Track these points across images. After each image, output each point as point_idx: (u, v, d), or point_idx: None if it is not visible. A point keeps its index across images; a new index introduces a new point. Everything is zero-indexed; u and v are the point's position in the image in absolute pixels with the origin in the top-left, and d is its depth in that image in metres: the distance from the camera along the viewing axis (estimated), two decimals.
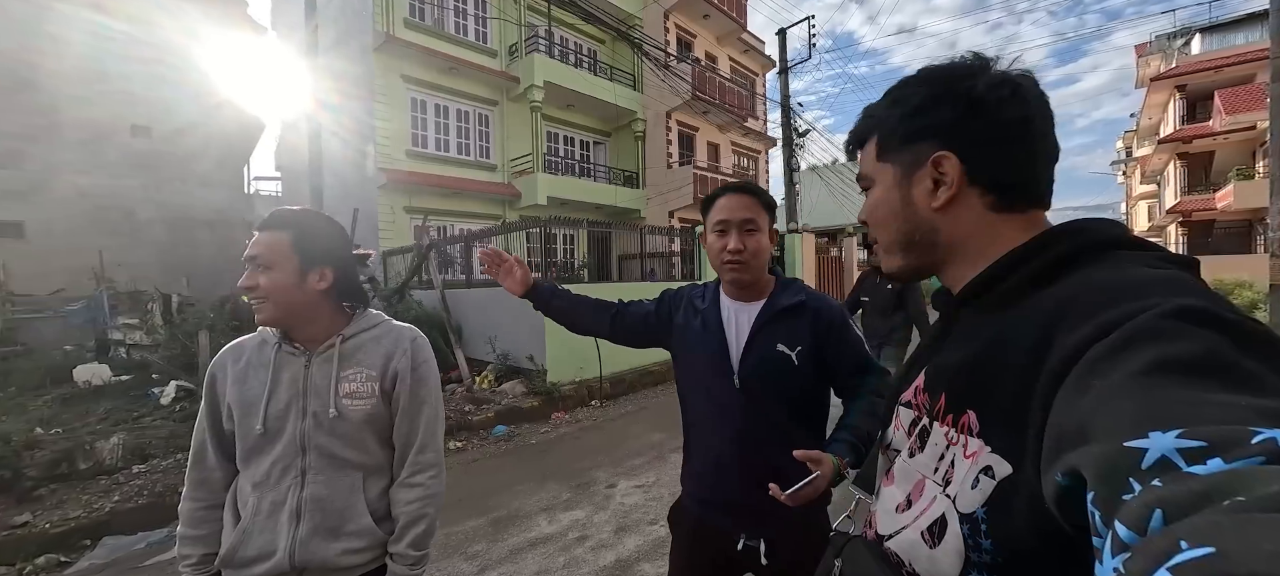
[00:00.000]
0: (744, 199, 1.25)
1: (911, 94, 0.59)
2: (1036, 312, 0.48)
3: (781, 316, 1.26)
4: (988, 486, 0.48)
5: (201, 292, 10.35)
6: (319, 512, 1.06)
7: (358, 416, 1.10)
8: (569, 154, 14.72)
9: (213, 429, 1.13)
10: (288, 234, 1.07)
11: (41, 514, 3.36)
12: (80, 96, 10.13)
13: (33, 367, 6.42)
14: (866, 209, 0.66)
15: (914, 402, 0.61)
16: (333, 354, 1.11)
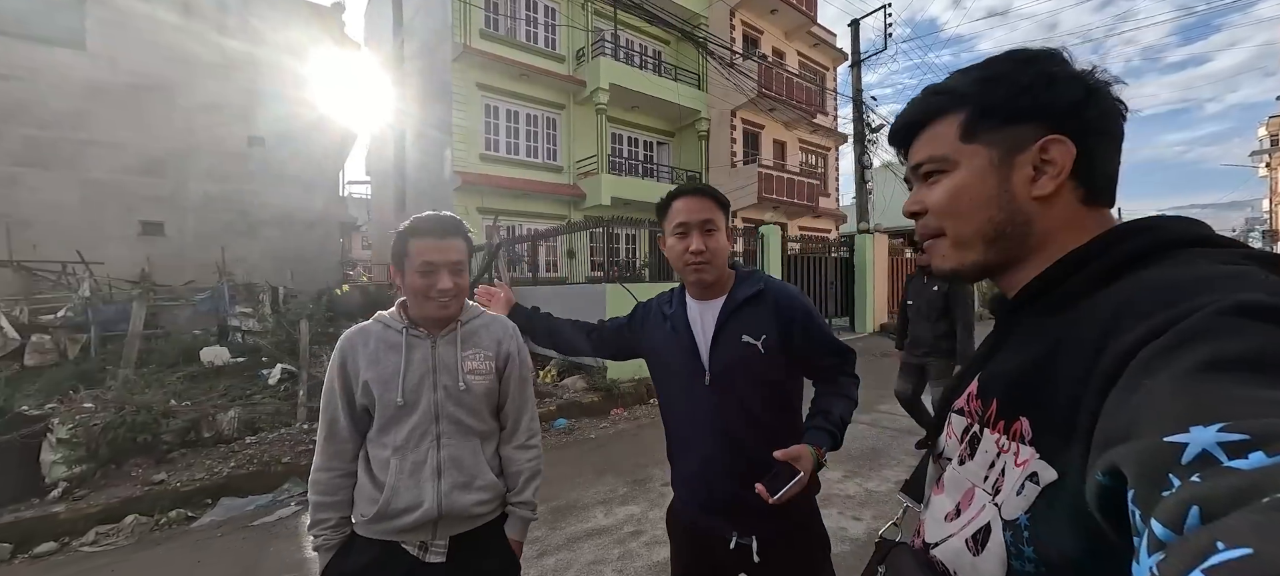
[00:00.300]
0: (701, 201, 1.28)
1: (1015, 72, 0.54)
2: (1094, 315, 0.45)
3: (743, 308, 1.28)
4: (1032, 492, 0.46)
5: (303, 286, 11.50)
6: (456, 470, 1.23)
7: (480, 390, 1.27)
8: (633, 155, 14.91)
9: (346, 403, 1.24)
10: (466, 243, 1.28)
11: (174, 474, 3.89)
12: (208, 113, 11.57)
13: (169, 348, 7.40)
14: (941, 197, 0.58)
15: (967, 409, 0.59)
16: (455, 337, 1.29)
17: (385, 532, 1.20)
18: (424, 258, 1.21)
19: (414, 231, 1.23)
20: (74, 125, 10.40)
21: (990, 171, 0.55)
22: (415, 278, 1.22)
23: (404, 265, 1.24)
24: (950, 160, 0.57)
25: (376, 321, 1.29)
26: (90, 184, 10.54)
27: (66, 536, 3.25)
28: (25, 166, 10.03)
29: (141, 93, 10.95)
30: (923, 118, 0.60)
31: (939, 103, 0.58)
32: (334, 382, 1.25)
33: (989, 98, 0.55)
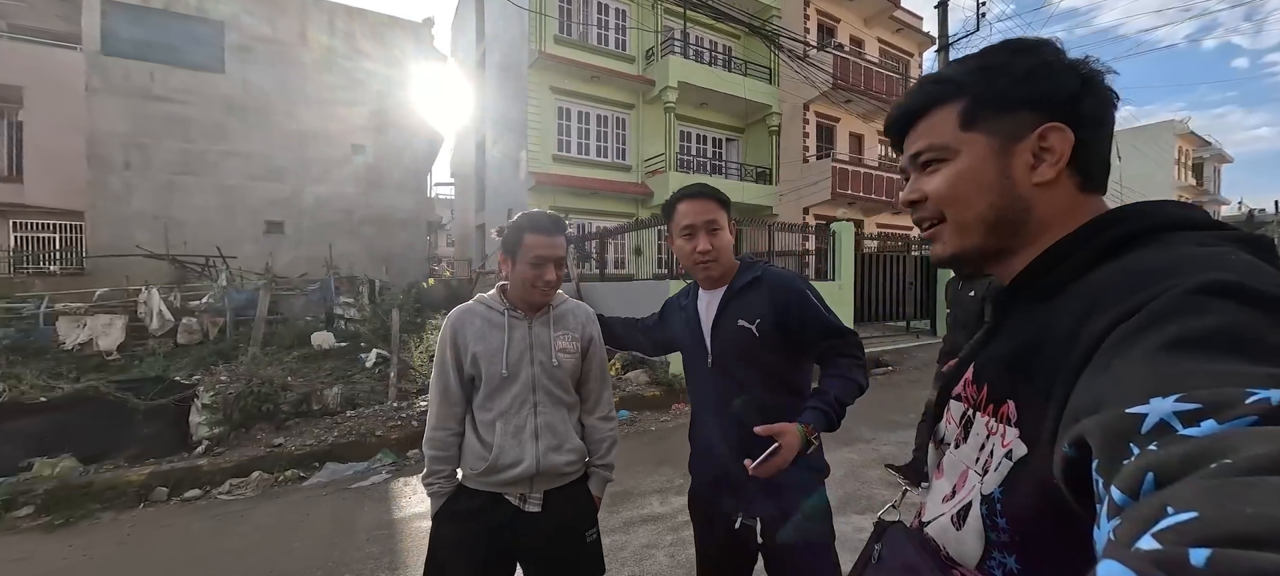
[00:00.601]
0: (703, 203, 1.37)
1: (1013, 61, 0.56)
2: (1076, 300, 0.47)
3: (740, 294, 1.37)
4: (1006, 468, 0.49)
5: (395, 279, 12.60)
6: (550, 434, 1.40)
7: (568, 366, 1.45)
8: (701, 152, 14.86)
9: (456, 371, 1.42)
10: (567, 240, 1.46)
11: (289, 439, 4.46)
12: (319, 125, 12.97)
13: (286, 332, 8.43)
14: (942, 184, 0.58)
15: (964, 395, 0.61)
16: (548, 319, 1.47)
17: (491, 485, 1.39)
18: (536, 252, 1.38)
19: (529, 227, 1.39)
20: (215, 138, 12.08)
21: (991, 158, 0.56)
22: (526, 268, 1.39)
23: (516, 255, 1.40)
24: (951, 148, 0.58)
25: (479, 302, 1.47)
26: (226, 189, 12.20)
27: (207, 485, 3.85)
28: (179, 174, 11.79)
29: (267, 109, 12.51)
30: (921, 107, 0.60)
31: (938, 92, 0.59)
32: (445, 353, 1.42)
33: (988, 86, 0.56)
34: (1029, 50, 0.56)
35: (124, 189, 11.32)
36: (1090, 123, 0.54)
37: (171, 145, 11.67)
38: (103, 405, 4.30)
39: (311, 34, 12.97)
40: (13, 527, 3.26)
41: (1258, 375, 0.30)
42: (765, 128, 14.77)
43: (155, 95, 11.53)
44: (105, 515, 3.46)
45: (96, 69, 11.07)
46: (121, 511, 3.52)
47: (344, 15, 13.41)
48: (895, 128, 0.64)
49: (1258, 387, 0.28)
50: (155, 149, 11.55)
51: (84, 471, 3.79)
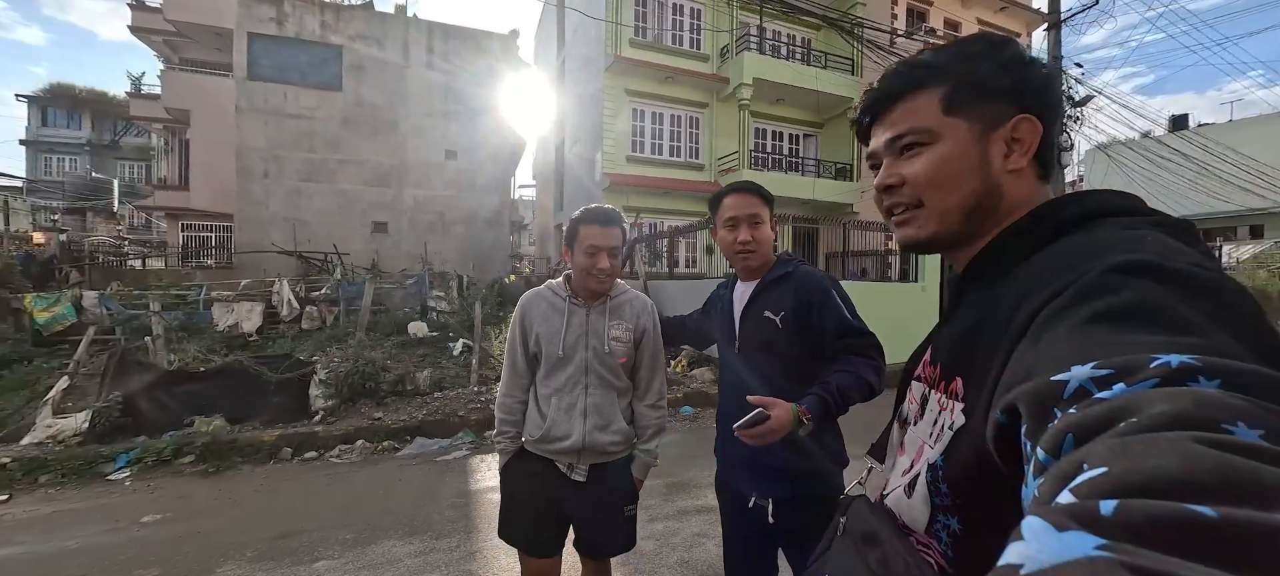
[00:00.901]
0: (748, 197, 1.46)
1: (993, 52, 0.58)
2: (1016, 283, 0.50)
3: (770, 287, 1.44)
4: (946, 438, 0.52)
5: (481, 275, 13.54)
6: (597, 414, 1.54)
7: (620, 353, 1.57)
8: (777, 149, 14.50)
9: (522, 347, 1.60)
10: (623, 232, 1.57)
11: (386, 414, 5.02)
12: (417, 134, 14.23)
13: (388, 321, 9.39)
14: (925, 168, 0.59)
15: (923, 375, 0.64)
16: (605, 308, 1.59)
17: (544, 451, 1.56)
18: (589, 241, 1.51)
19: (583, 219, 1.54)
20: (333, 149, 13.67)
21: (972, 145, 0.57)
22: (582, 257, 1.52)
23: (573, 246, 1.54)
24: (934, 132, 0.59)
25: (547, 288, 1.64)
26: (341, 194, 13.75)
27: (321, 448, 4.45)
28: (305, 181, 13.48)
29: (376, 121, 13.95)
30: (902, 89, 0.61)
31: (920, 75, 0.60)
32: (516, 331, 1.61)
33: (971, 73, 0.58)
34: (1005, 43, 0.59)
35: (263, 194, 13.15)
36: (1052, 116, 0.57)
37: (299, 156, 13.38)
38: (245, 376, 5.11)
39: (413, 51, 14.27)
40: (178, 471, 3.99)
41: (1161, 343, 0.33)
42: (846, 121, 14.10)
43: (288, 113, 13.27)
44: (245, 467, 4.13)
45: (244, 92, 12.95)
46: (257, 465, 4.17)
47: (440, 32, 14.61)
48: (873, 109, 0.65)
49: (1160, 353, 0.31)
50: (287, 159, 13.30)
51: (230, 430, 4.54)
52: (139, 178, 23.93)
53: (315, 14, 13.58)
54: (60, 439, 4.31)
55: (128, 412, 4.51)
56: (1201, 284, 0.38)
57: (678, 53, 13.01)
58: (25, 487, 3.68)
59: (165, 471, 3.97)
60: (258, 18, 12.97)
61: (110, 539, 2.97)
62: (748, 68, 12.40)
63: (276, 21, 13.11)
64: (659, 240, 10.36)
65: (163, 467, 4.00)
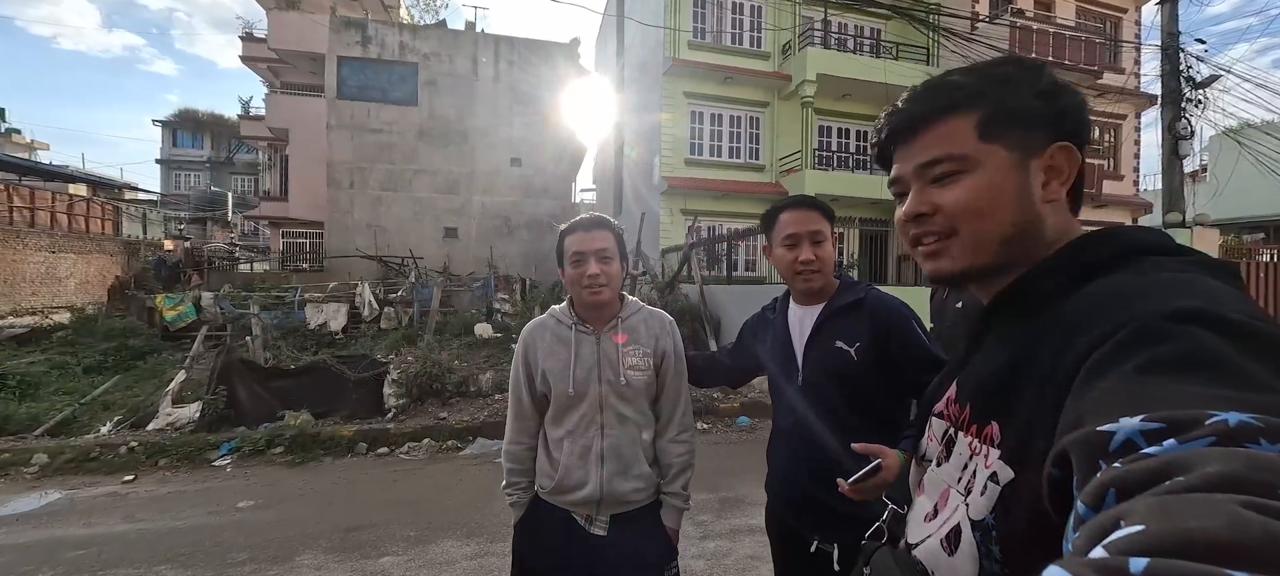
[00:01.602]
0: (808, 212, 1.34)
1: (1028, 77, 0.56)
2: (1057, 323, 0.48)
3: (840, 314, 1.31)
4: (994, 493, 0.48)
5: (543, 278, 13.95)
6: (615, 458, 1.34)
7: (639, 384, 1.36)
8: (842, 147, 13.85)
9: (528, 387, 1.39)
10: (614, 234, 1.40)
11: (451, 414, 5.27)
12: (485, 143, 14.90)
13: (455, 322, 9.88)
14: (963, 197, 0.55)
15: (946, 412, 0.61)
16: (614, 332, 1.39)
17: (559, 502, 1.37)
18: (573, 249, 1.34)
19: (566, 230, 1.40)
20: (409, 159, 14.59)
21: (1011, 173, 0.55)
22: (570, 269, 1.36)
23: (563, 262, 1.38)
24: (970, 159, 0.55)
25: (551, 316, 1.43)
26: (416, 201, 14.66)
27: (392, 445, 4.73)
28: (385, 191, 14.50)
29: (447, 132, 14.76)
30: (932, 113, 0.57)
31: (953, 98, 0.57)
32: (519, 369, 1.41)
33: (1008, 99, 0.55)
34: (1038, 68, 0.57)
35: (348, 204, 14.27)
36: (1085, 143, 0.56)
37: (380, 167, 14.41)
38: (328, 374, 5.55)
39: (481, 64, 14.97)
40: (270, 461, 4.38)
41: (1218, 397, 0.31)
42: None
43: (370, 128, 14.33)
44: (326, 459, 4.47)
45: (333, 111, 14.13)
46: (337, 458, 4.50)
47: (506, 45, 15.23)
48: (894, 134, 0.61)
49: (1217, 410, 0.29)
50: (369, 171, 14.37)
51: (314, 424, 4.93)
52: (249, 190, 26.78)
53: (395, 34, 14.59)
54: (177, 426, 4.88)
55: (230, 404, 5.02)
56: (1262, 336, 0.36)
57: (737, 52, 12.76)
58: (148, 469, 4.18)
59: (259, 460, 4.38)
60: (346, 41, 14.11)
61: (211, 521, 3.30)
62: (811, 63, 11.94)
63: (361, 44, 14.21)
64: (717, 244, 10.19)
65: (257, 456, 4.42)
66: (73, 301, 13.97)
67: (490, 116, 14.92)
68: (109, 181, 22.69)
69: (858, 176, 12.86)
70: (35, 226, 14.62)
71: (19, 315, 11.94)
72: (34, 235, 14.20)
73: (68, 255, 15.09)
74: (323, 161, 14.22)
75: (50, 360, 8.30)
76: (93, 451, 4.30)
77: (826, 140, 13.66)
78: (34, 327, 10.40)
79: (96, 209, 17.49)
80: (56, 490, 3.81)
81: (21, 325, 10.66)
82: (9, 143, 26.58)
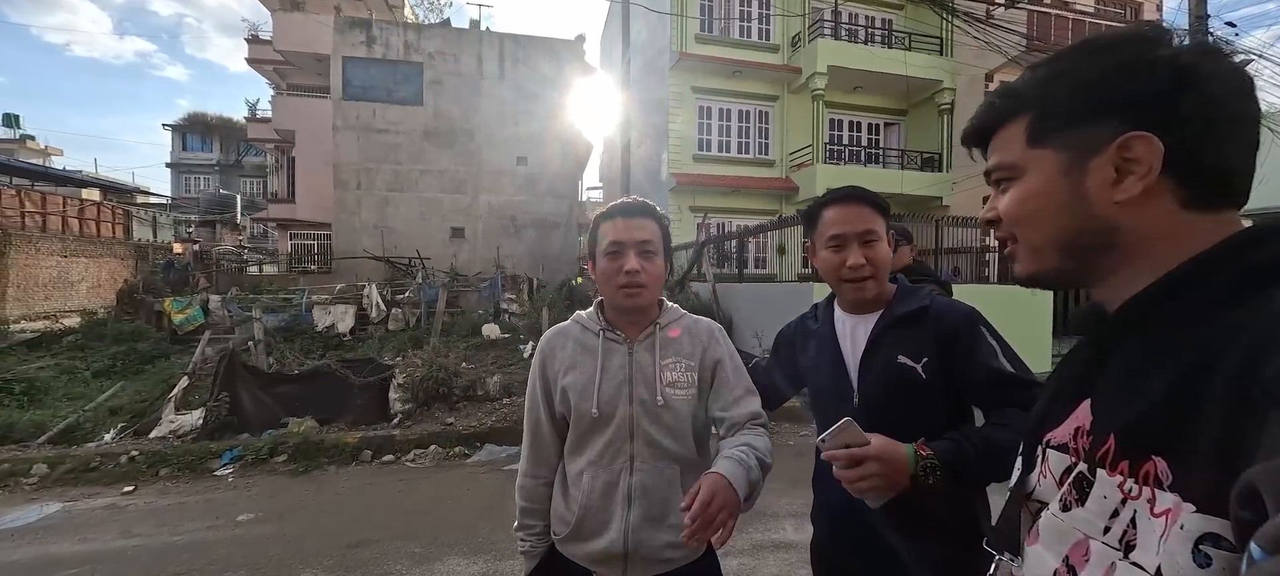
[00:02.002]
0: (858, 208, 1.15)
1: (1082, 66, 0.51)
2: (1237, 335, 0.41)
3: (902, 324, 1.13)
4: (1223, 560, 0.38)
5: (550, 277, 13.83)
6: (646, 500, 1.07)
7: (680, 406, 1.11)
8: (854, 140, 13.59)
9: (547, 408, 1.16)
10: (659, 225, 1.15)
11: (458, 419, 5.13)
12: (490, 142, 14.78)
13: (464, 323, 9.77)
14: (1010, 205, 0.56)
15: (1072, 445, 0.52)
16: (653, 342, 1.14)
17: (576, 555, 1.12)
18: (610, 238, 1.12)
19: (603, 215, 1.16)
20: (416, 160, 14.51)
21: (1059, 177, 0.52)
22: (604, 261, 1.13)
23: (596, 252, 1.16)
24: (1017, 166, 0.55)
25: (575, 321, 1.20)
26: (423, 202, 14.57)
27: (398, 452, 4.60)
28: (391, 191, 14.42)
29: (453, 131, 14.65)
30: (992, 123, 0.58)
31: (1006, 106, 0.56)
32: (536, 386, 1.17)
33: (1051, 97, 0.53)
34: (1108, 49, 0.50)
35: (355, 204, 14.22)
36: (1198, 124, 0.46)
37: (386, 168, 14.33)
38: (332, 379, 5.44)
39: (485, 63, 14.85)
40: (273, 470, 4.26)
41: None
42: (934, 106, 12.93)
43: (376, 128, 14.25)
44: (330, 467, 4.34)
45: (339, 112, 14.07)
46: (341, 466, 4.38)
47: (510, 43, 15.09)
48: (975, 142, 0.62)
49: None
50: (376, 171, 14.30)
51: (319, 431, 4.82)
52: (258, 193, 26.93)
53: (399, 34, 14.50)
54: (180, 433, 4.78)
55: (234, 411, 4.92)
56: None
57: (745, 45, 12.53)
58: (148, 479, 4.08)
59: (262, 469, 4.26)
60: (350, 42, 14.04)
61: (210, 536, 3.18)
62: (822, 55, 11.69)
63: (366, 44, 14.12)
64: (728, 241, 9.99)
65: (260, 465, 4.30)
66: (85, 305, 14.06)
67: (496, 115, 14.79)
68: (121, 186, 22.90)
69: (871, 171, 12.61)
70: (48, 231, 14.71)
71: (32, 319, 12.01)
72: (47, 240, 14.28)
73: (80, 259, 15.18)
74: (329, 163, 14.17)
75: (59, 365, 8.29)
76: (93, 461, 4.20)
77: (838, 134, 13.40)
78: (44, 332, 10.44)
79: (107, 213, 17.60)
80: (55, 502, 3.71)
81: (32, 330, 10.71)
82: (23, 149, 26.90)
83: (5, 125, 28.02)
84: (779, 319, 1.47)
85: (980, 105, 0.60)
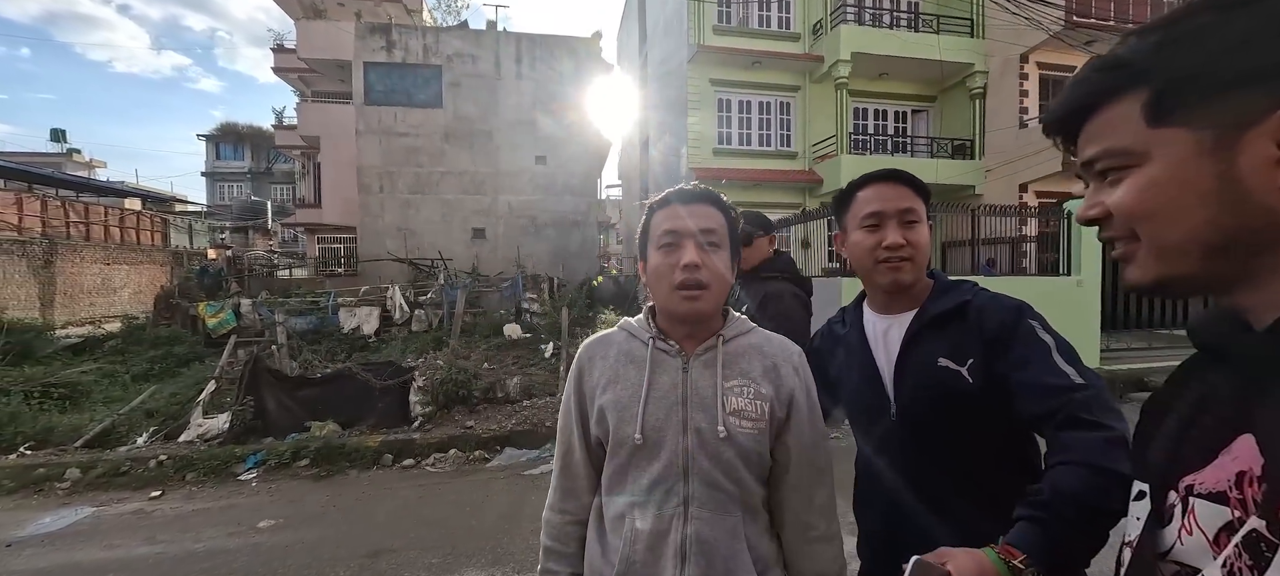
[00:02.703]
0: (895, 187, 1.01)
1: (1221, 22, 0.42)
2: None
3: (940, 322, 0.98)
4: None
5: (570, 276, 13.79)
6: (704, 557, 0.86)
7: (745, 440, 0.88)
8: (880, 129, 13.16)
9: (581, 430, 0.97)
10: (725, 215, 0.95)
11: (478, 422, 5.07)
12: (510, 142, 14.80)
13: (485, 324, 9.78)
14: (1130, 198, 0.46)
15: (1231, 495, 0.42)
16: (714, 357, 0.92)
17: None
18: (664, 227, 0.92)
19: (657, 202, 0.97)
20: (436, 162, 14.63)
21: (1199, 160, 0.43)
22: (656, 256, 0.92)
23: (647, 248, 0.96)
24: (1136, 152, 0.46)
25: (622, 329, 1.00)
26: (444, 203, 14.69)
27: (418, 456, 4.56)
28: (413, 193, 14.58)
29: (473, 132, 14.72)
30: (1089, 103, 0.48)
31: (1107, 82, 0.47)
32: (570, 402, 0.99)
33: (1181, 65, 0.43)
34: (1245, 2, 0.41)
35: (379, 208, 14.41)
36: None
37: (408, 171, 14.49)
38: (354, 382, 5.45)
39: (503, 63, 14.87)
40: (295, 474, 4.26)
41: None
42: (965, 91, 12.42)
43: (397, 132, 14.42)
44: (351, 471, 4.32)
45: (361, 117, 14.27)
46: (362, 470, 4.35)
47: (527, 42, 15.08)
48: (1059, 129, 0.52)
49: None
50: (398, 174, 14.47)
51: (341, 434, 4.81)
52: (287, 198, 27.67)
53: (418, 38, 14.63)
54: (207, 437, 4.83)
55: (258, 415, 4.95)
56: None
57: (765, 35, 12.22)
58: (175, 483, 4.12)
59: (284, 474, 4.27)
60: (371, 47, 14.22)
61: (231, 543, 3.16)
62: (845, 42, 11.32)
63: (386, 49, 14.29)
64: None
65: (282, 470, 4.31)
66: (126, 310, 14.59)
67: (514, 115, 14.81)
68: (159, 195, 23.78)
69: (897, 159, 12.20)
70: (91, 240, 15.32)
71: (77, 324, 12.50)
72: (90, 248, 14.87)
73: (121, 266, 15.78)
74: (353, 167, 14.39)
75: (100, 368, 8.58)
76: (123, 465, 4.27)
77: (862, 123, 12.99)
78: (88, 337, 10.85)
79: (147, 222, 18.26)
80: (86, 506, 3.77)
81: (77, 334, 11.15)
82: (70, 161, 28.23)
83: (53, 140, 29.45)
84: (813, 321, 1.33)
85: (1070, 82, 0.50)
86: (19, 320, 10.32)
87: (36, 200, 13.92)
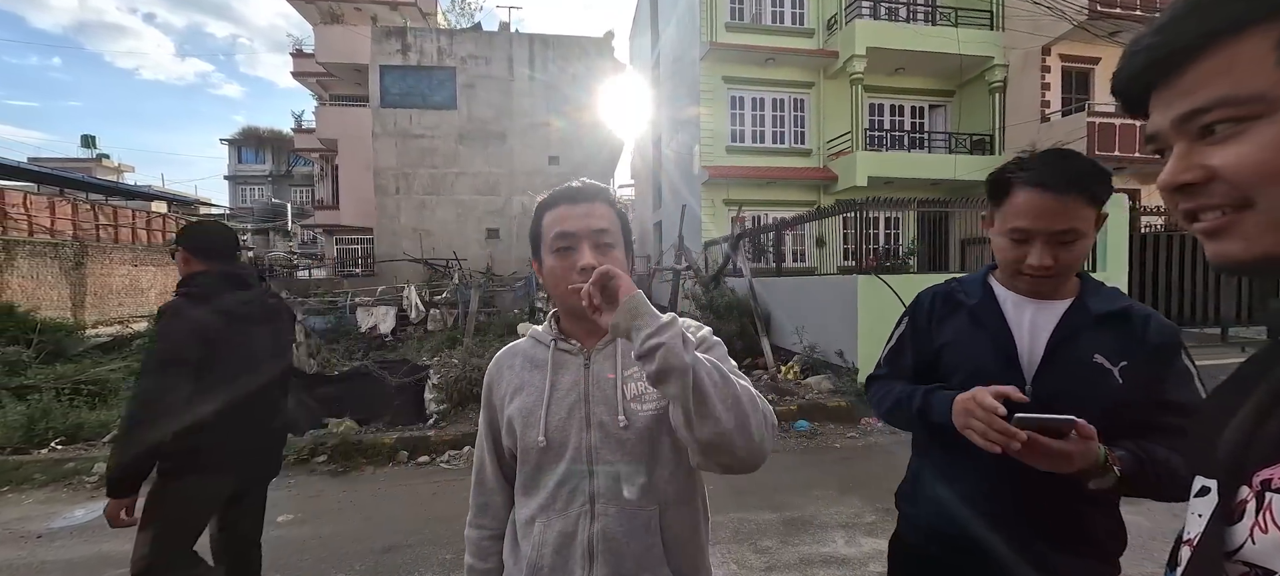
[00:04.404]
0: (1059, 200, 0.90)
1: None
2: None
3: (1101, 323, 0.97)
4: None
5: None
6: (613, 555, 0.85)
7: (650, 425, 0.87)
8: (896, 125, 12.96)
9: (492, 443, 0.98)
10: (614, 211, 0.94)
11: None
12: (523, 142, 14.89)
13: (498, 323, 9.86)
14: (1257, 157, 0.39)
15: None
16: (614, 349, 0.92)
17: None
18: (556, 229, 0.89)
19: (545, 202, 0.94)
20: (451, 163, 14.79)
21: None
22: (551, 259, 0.89)
23: (540, 250, 0.93)
24: (1267, 98, 0.39)
25: (528, 337, 0.99)
26: (459, 204, 14.84)
27: (433, 453, 4.60)
28: (428, 194, 14.75)
29: (486, 133, 14.86)
30: (1201, 38, 0.41)
31: (1230, 13, 0.40)
32: (482, 418, 0.99)
33: None
34: None
35: (395, 209, 14.62)
36: None
37: (423, 172, 14.67)
38: (370, 380, 5.53)
39: (516, 64, 14.97)
40: (313, 470, 4.33)
41: None
42: (984, 85, 12.16)
43: (413, 134, 14.61)
44: (368, 468, 4.37)
45: (378, 119, 14.49)
46: (378, 467, 4.40)
47: (540, 43, 15.17)
48: (1146, 73, 0.44)
49: None
50: (413, 176, 14.66)
51: (358, 431, 4.87)
52: (307, 200, 28.20)
53: (433, 40, 14.80)
54: None
55: None
56: None
57: (778, 31, 12.11)
58: None
59: (302, 469, 4.33)
60: (387, 50, 14.42)
61: None
62: (860, 37, 11.16)
63: (401, 52, 14.48)
64: (764, 234, 9.67)
65: (300, 466, 4.37)
66: (153, 310, 15.01)
67: (527, 115, 14.91)
68: (184, 198, 24.41)
69: (914, 156, 12.00)
70: (120, 242, 15.79)
71: (106, 324, 12.89)
72: (119, 250, 15.33)
73: (149, 268, 16.23)
74: (370, 169, 14.62)
75: (128, 367, 8.84)
76: None
77: (878, 119, 12.81)
78: (116, 336, 11.18)
79: (172, 224, 18.77)
80: None
81: (107, 333, 11.49)
82: (99, 166, 29.13)
83: (83, 145, 30.42)
84: (820, 313, 1.29)
85: (1166, 18, 0.43)
86: (51, 320, 10.67)
87: (68, 204, 14.37)
